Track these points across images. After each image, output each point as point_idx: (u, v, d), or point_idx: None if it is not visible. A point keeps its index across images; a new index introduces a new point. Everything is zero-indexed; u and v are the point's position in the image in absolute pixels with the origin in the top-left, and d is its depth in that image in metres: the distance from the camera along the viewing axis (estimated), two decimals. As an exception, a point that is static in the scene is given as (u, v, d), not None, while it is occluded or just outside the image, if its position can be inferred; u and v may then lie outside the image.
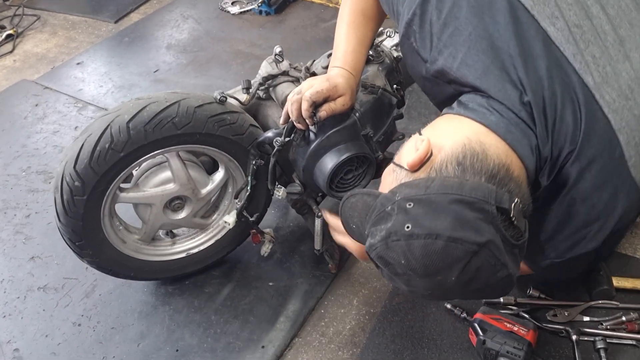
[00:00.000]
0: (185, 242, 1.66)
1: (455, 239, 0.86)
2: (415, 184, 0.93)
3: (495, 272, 0.90)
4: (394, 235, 0.90)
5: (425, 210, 0.89)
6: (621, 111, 1.00)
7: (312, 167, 1.40)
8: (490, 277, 0.91)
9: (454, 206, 0.88)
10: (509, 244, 0.90)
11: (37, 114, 2.50)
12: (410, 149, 1.01)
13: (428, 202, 0.89)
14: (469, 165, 0.94)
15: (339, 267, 1.71)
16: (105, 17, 3.31)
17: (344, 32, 1.38)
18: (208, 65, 2.82)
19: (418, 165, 0.97)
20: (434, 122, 1.12)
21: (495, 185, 0.92)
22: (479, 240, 0.86)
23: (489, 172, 0.94)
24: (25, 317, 1.66)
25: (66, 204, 1.36)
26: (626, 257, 1.68)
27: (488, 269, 0.89)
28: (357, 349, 1.52)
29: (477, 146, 0.97)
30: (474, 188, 0.90)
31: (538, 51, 1.02)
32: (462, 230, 0.86)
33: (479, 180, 0.93)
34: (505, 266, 0.90)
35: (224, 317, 1.62)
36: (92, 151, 1.31)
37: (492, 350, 1.38)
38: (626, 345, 1.46)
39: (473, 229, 0.87)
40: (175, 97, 1.37)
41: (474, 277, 0.90)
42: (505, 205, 0.89)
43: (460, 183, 0.91)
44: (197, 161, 1.54)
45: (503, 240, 0.89)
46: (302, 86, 1.31)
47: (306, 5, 3.31)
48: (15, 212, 2.01)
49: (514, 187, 0.95)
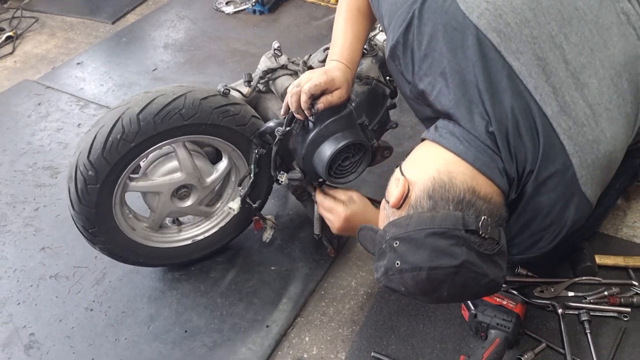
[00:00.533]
0: (191, 230, 1.74)
1: (435, 267, 1.05)
2: (399, 223, 1.11)
3: (479, 281, 1.07)
4: (390, 270, 1.09)
5: (408, 247, 1.07)
6: (575, 137, 1.11)
7: (312, 155, 1.49)
8: (476, 286, 1.08)
9: (429, 239, 1.05)
10: (485, 256, 1.06)
11: (41, 113, 2.58)
12: (393, 186, 1.18)
13: (409, 239, 1.07)
14: (438, 198, 1.09)
15: (337, 252, 1.79)
16: (103, 19, 3.38)
17: (342, 27, 1.47)
18: (205, 63, 2.90)
19: (398, 204, 1.14)
20: (413, 152, 1.27)
21: (462, 210, 1.07)
22: (454, 264, 1.04)
23: (456, 199, 1.08)
24: (39, 303, 1.73)
25: (80, 193, 1.44)
26: (608, 236, 1.79)
27: (471, 281, 1.07)
28: (357, 327, 1.61)
29: (445, 177, 1.11)
30: (444, 219, 1.06)
31: (504, 85, 1.12)
32: (438, 259, 1.04)
33: (447, 209, 1.08)
34: (486, 275, 1.07)
35: (229, 299, 1.70)
36: (104, 142, 1.39)
37: (483, 323, 1.47)
38: (608, 317, 1.56)
39: (448, 255, 1.04)
40: (182, 90, 1.46)
41: (462, 289, 1.09)
42: (472, 226, 1.05)
43: (432, 217, 1.07)
44: (201, 151, 1.62)
45: (478, 254, 1.05)
46: (301, 79, 1.40)
47: (298, 4, 3.39)
48: (24, 206, 2.08)
49: (482, 204, 1.09)
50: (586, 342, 1.50)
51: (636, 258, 1.67)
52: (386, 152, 1.64)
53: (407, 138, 2.19)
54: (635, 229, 1.80)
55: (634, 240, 1.77)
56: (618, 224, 1.83)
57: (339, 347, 1.56)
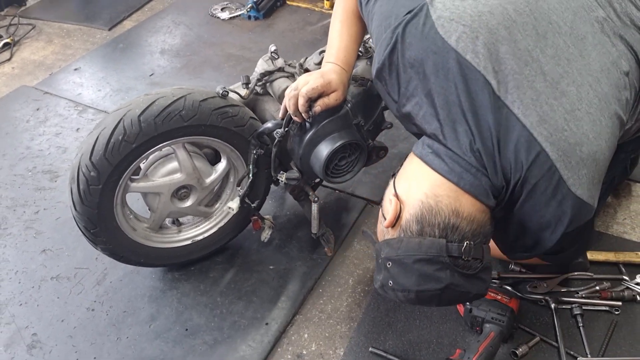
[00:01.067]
0: (191, 230, 1.77)
1: (422, 291, 1.19)
2: (391, 244, 1.23)
3: (464, 296, 1.23)
4: (385, 286, 1.25)
5: (398, 270, 1.21)
6: (557, 142, 1.15)
7: (309, 155, 1.52)
8: (462, 298, 1.28)
9: (417, 265, 1.18)
10: (468, 276, 1.19)
11: (39, 118, 2.60)
12: (387, 204, 1.29)
13: (399, 262, 1.20)
14: (425, 224, 1.19)
15: (334, 251, 1.83)
16: (99, 25, 3.41)
17: (338, 29, 1.51)
18: (201, 68, 2.93)
19: (392, 224, 1.25)
20: (405, 165, 1.35)
21: (447, 236, 1.18)
22: (439, 287, 1.18)
23: (441, 224, 1.18)
24: (40, 304, 1.76)
25: (82, 193, 1.46)
26: (599, 233, 1.83)
27: (457, 297, 1.22)
28: (354, 323, 1.64)
29: (432, 201, 1.20)
30: (429, 247, 1.17)
31: (485, 103, 1.17)
32: (425, 283, 1.18)
33: (433, 235, 1.19)
34: (469, 292, 1.21)
35: (228, 298, 1.73)
36: (106, 143, 1.42)
37: (478, 318, 1.50)
38: (600, 311, 1.60)
39: (433, 280, 1.17)
40: (182, 92, 1.49)
41: (449, 303, 1.30)
42: (455, 253, 1.16)
43: (419, 243, 1.18)
44: (201, 153, 1.65)
45: (462, 275, 1.18)
46: (298, 82, 1.43)
47: (293, 9, 3.44)
48: (24, 209, 2.11)
49: (465, 226, 1.19)
50: (579, 336, 1.53)
51: (626, 254, 1.71)
52: (381, 152, 1.68)
53: (402, 140, 2.23)
54: (625, 226, 1.84)
55: (624, 237, 1.81)
56: (609, 221, 1.87)
57: (338, 343, 1.59)
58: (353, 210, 2.00)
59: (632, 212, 1.89)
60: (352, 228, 1.93)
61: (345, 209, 2.02)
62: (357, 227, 1.94)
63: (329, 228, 1.79)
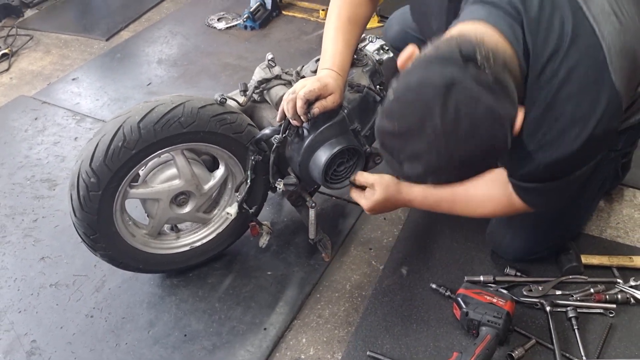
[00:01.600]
0: (189, 236, 1.79)
1: (424, 84, 0.98)
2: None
3: (475, 107, 0.96)
4: (385, 111, 1.03)
5: (402, 76, 1.02)
6: (604, 24, 1.10)
7: (308, 161, 1.54)
8: (473, 115, 0.96)
9: (424, 64, 1.01)
10: (482, 82, 0.96)
11: (37, 127, 2.62)
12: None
13: (405, 71, 1.03)
14: (443, 40, 1.04)
15: (331, 256, 1.84)
16: (97, 36, 3.44)
17: (332, 36, 1.54)
18: (198, 77, 2.96)
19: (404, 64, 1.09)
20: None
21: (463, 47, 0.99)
22: (444, 81, 0.95)
23: (461, 44, 1.00)
24: (39, 311, 1.76)
25: (82, 200, 1.48)
26: (593, 237, 1.85)
27: (466, 105, 0.96)
28: (352, 328, 1.65)
29: (454, 32, 1.08)
30: (441, 48, 1.01)
31: None
32: (429, 76, 0.98)
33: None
34: (479, 100, 0.95)
35: (227, 304, 1.74)
36: (106, 149, 1.44)
37: (474, 321, 1.52)
38: (595, 314, 1.61)
39: (438, 74, 0.97)
40: (180, 99, 1.51)
41: (456, 117, 0.96)
42: (471, 53, 0.97)
43: (435, 47, 1.03)
44: (199, 159, 1.67)
45: (474, 79, 0.96)
46: (295, 87, 1.46)
47: (289, 19, 3.47)
48: (22, 218, 2.12)
49: (484, 48, 1.00)
50: (574, 338, 1.55)
51: (620, 257, 1.73)
52: (377, 158, 1.70)
53: (398, 146, 2.25)
54: (619, 230, 1.87)
55: (618, 241, 1.83)
56: (602, 225, 1.89)
57: (335, 347, 1.61)
58: (350, 216, 2.02)
59: (625, 217, 1.91)
60: (349, 234, 1.95)
61: (342, 215, 2.03)
62: (354, 232, 1.96)
63: (326, 234, 1.80)
